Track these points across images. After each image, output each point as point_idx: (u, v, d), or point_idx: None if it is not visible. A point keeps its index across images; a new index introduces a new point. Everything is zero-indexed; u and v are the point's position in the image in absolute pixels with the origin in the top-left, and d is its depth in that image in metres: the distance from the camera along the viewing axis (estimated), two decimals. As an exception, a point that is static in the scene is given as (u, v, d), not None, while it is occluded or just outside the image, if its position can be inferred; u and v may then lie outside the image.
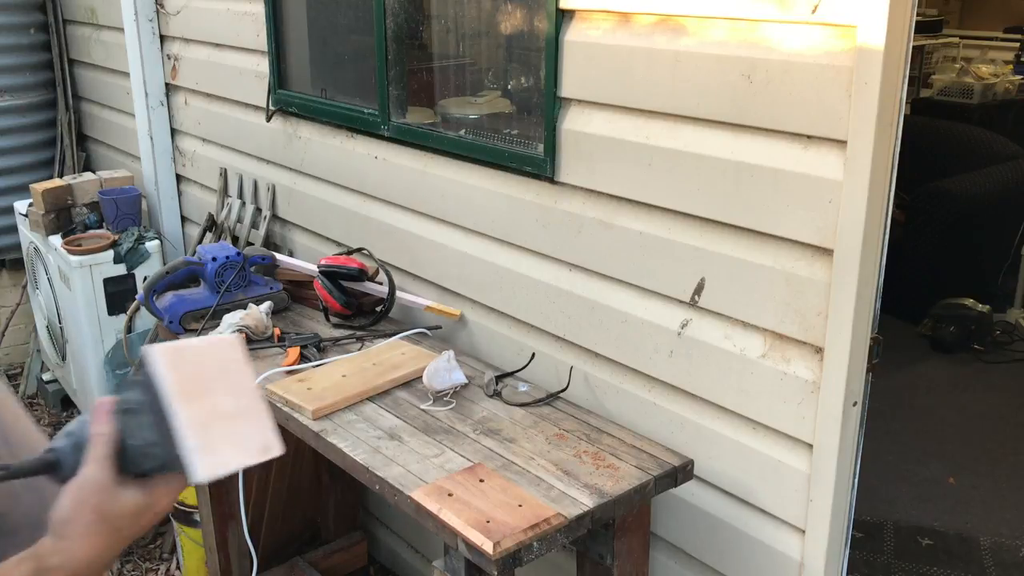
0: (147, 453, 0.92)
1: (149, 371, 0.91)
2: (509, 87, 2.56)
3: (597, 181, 2.09)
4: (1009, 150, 4.95)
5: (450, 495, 1.76)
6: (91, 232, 3.76)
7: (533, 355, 2.31)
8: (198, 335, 2.49)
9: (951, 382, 4.18)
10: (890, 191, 1.66)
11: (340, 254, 2.69)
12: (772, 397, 1.84)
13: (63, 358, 3.99)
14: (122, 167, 4.21)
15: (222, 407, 0.94)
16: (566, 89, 2.12)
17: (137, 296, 3.30)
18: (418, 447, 1.94)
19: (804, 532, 1.84)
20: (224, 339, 1.00)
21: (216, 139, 3.60)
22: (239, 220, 3.43)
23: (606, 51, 2.00)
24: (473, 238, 2.47)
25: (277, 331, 2.49)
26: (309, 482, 3.02)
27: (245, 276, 2.65)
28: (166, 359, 0.91)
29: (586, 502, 1.76)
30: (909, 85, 1.71)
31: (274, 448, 0.98)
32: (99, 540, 0.92)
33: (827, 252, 1.70)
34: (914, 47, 1.66)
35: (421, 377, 2.15)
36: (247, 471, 1.26)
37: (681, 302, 1.98)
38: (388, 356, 2.31)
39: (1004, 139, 5.03)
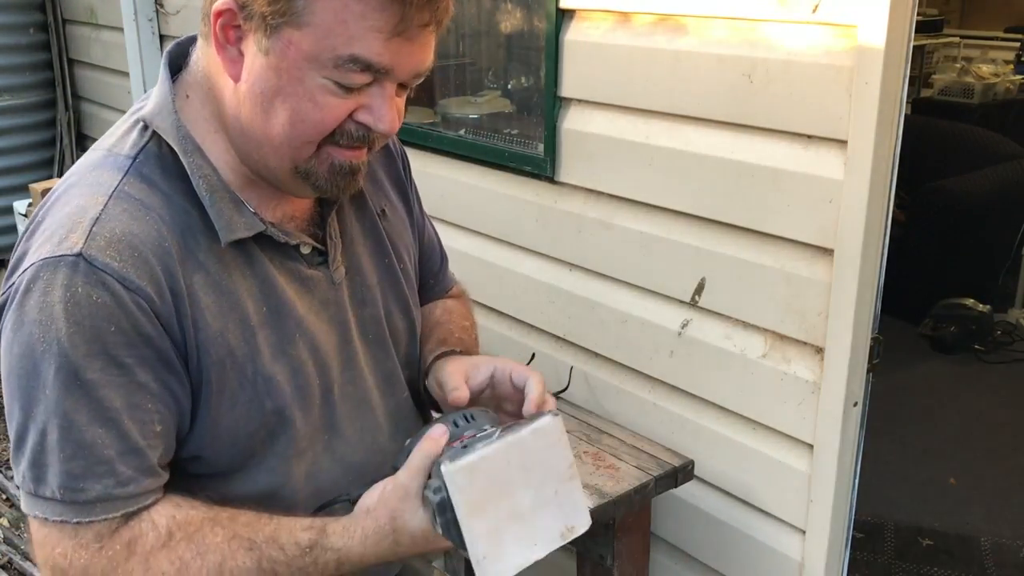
0: (447, 532, 0.95)
1: (445, 493, 0.94)
2: (509, 87, 2.56)
3: (597, 181, 2.08)
4: (1009, 150, 4.94)
5: (450, 495, 1.75)
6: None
7: (533, 355, 2.30)
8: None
9: (951, 382, 4.17)
10: (891, 191, 1.66)
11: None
12: (772, 397, 1.83)
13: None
14: (122, 167, 4.19)
15: (519, 506, 0.97)
16: (566, 89, 2.11)
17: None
18: (418, 447, 1.94)
19: (804, 532, 1.84)
20: (540, 427, 1.00)
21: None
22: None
23: (606, 51, 2.00)
24: (473, 238, 2.46)
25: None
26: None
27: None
28: (460, 480, 0.94)
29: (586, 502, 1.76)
30: (909, 85, 1.70)
31: (578, 527, 1.01)
32: (379, 543, 0.97)
33: (827, 252, 1.69)
34: (915, 47, 1.66)
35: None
36: None
37: (681, 302, 1.97)
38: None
39: (1005, 139, 5.02)
